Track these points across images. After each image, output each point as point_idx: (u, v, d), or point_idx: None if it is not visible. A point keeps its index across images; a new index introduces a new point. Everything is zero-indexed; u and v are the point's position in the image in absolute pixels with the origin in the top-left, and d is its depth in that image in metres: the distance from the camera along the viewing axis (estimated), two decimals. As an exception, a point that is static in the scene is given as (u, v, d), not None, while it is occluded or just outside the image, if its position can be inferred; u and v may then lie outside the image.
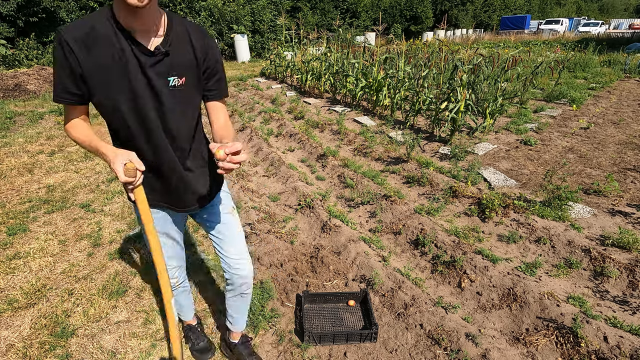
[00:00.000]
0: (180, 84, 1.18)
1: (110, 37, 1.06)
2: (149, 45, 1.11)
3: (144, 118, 1.17)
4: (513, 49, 7.95)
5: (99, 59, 1.07)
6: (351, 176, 3.86)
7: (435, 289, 2.40)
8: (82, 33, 1.05)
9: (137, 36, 1.09)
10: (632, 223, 2.78)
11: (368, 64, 6.65)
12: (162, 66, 1.13)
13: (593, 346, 1.81)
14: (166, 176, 1.31)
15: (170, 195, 1.37)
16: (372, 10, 30.74)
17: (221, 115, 1.34)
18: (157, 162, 1.27)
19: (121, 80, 1.10)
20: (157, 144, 1.23)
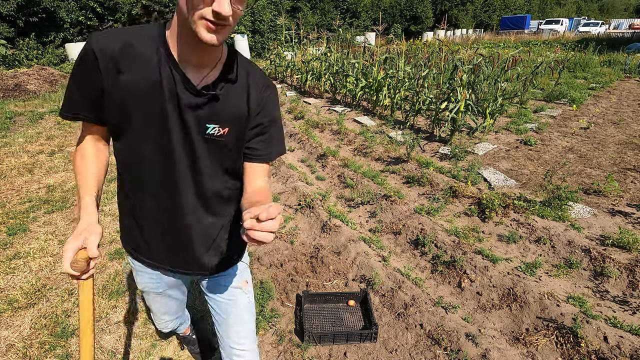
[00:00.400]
0: (221, 134, 0.94)
1: (150, 61, 0.85)
2: (197, 82, 0.89)
3: (171, 169, 0.94)
4: (513, 49, 7.96)
5: (128, 84, 0.85)
6: (351, 176, 3.86)
7: (435, 289, 2.40)
8: (116, 47, 0.84)
9: (187, 68, 0.87)
10: (632, 223, 2.78)
11: (368, 64, 6.65)
12: (205, 110, 0.91)
13: (593, 346, 1.81)
14: (175, 238, 1.05)
15: (172, 257, 1.11)
16: (372, 10, 30.75)
17: (259, 180, 1.04)
18: (169, 223, 1.03)
19: (151, 117, 0.88)
20: (180, 203, 0.99)
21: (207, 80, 0.90)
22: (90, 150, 1.00)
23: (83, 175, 0.98)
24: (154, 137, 0.90)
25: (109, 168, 1.09)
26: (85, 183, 0.97)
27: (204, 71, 0.90)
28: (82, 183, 0.97)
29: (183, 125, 0.91)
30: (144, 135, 0.90)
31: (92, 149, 1.00)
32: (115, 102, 0.87)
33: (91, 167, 0.99)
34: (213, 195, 1.03)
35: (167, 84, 0.86)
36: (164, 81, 0.85)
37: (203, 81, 0.89)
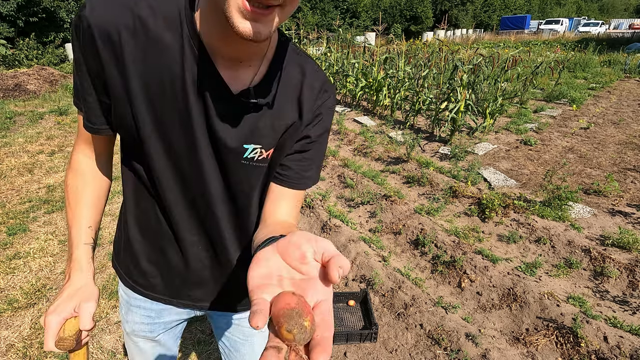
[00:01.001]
0: (263, 157, 0.69)
1: (170, 48, 0.59)
2: (233, 83, 0.62)
3: (196, 197, 0.72)
4: (513, 49, 7.96)
5: (136, 78, 0.60)
6: (351, 176, 3.86)
7: (435, 289, 2.40)
8: (121, 22, 0.57)
9: (220, 63, 0.60)
10: (632, 223, 2.78)
11: (368, 64, 6.66)
12: (243, 125, 0.65)
13: (593, 346, 1.81)
14: (187, 267, 0.82)
15: (179, 287, 0.86)
16: (372, 10, 30.76)
17: (285, 209, 0.74)
18: (200, 255, 0.81)
19: (167, 127, 0.64)
20: (214, 240, 0.79)
21: (247, 82, 0.63)
22: (88, 169, 0.76)
23: (77, 209, 0.74)
24: (170, 154, 0.67)
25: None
26: (78, 222, 0.74)
27: (243, 68, 0.63)
28: (75, 222, 0.74)
29: (212, 142, 0.66)
30: (157, 150, 0.66)
31: (91, 166, 0.77)
32: (119, 102, 0.63)
33: (88, 197, 0.75)
34: (251, 229, 0.81)
35: (192, 83, 0.60)
36: (187, 78, 0.60)
37: (241, 83, 0.63)
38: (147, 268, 0.84)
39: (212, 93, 0.62)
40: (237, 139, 0.66)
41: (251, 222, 0.80)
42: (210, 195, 0.72)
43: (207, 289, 0.86)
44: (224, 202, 0.74)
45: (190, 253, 0.80)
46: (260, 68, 0.64)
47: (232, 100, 0.62)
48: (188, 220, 0.75)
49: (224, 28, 0.54)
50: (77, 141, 0.76)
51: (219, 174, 0.70)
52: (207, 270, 0.83)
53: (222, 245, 0.80)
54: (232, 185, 0.72)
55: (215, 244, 0.79)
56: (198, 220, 0.76)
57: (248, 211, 0.78)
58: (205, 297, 0.88)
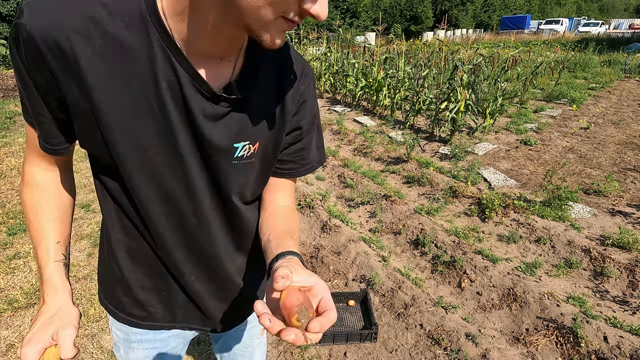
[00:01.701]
0: (251, 153, 0.66)
1: (135, 50, 0.52)
2: (214, 81, 0.58)
3: (190, 212, 0.67)
4: (513, 49, 7.97)
5: (98, 89, 0.52)
6: (351, 176, 3.86)
7: (435, 289, 2.40)
8: (69, 25, 0.49)
9: (196, 61, 0.55)
10: (632, 223, 2.78)
11: (368, 64, 6.66)
12: (232, 123, 0.61)
13: (593, 346, 1.81)
14: (185, 287, 0.76)
15: (181, 310, 0.80)
16: (372, 10, 30.77)
17: (283, 197, 0.78)
18: (192, 274, 0.75)
19: (145, 140, 0.57)
20: (210, 251, 0.73)
21: (227, 77, 0.59)
22: (47, 183, 0.67)
23: (40, 226, 0.65)
24: (151, 169, 0.60)
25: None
26: (45, 240, 0.65)
27: (222, 64, 0.58)
28: (41, 240, 0.65)
29: (199, 148, 0.61)
30: (135, 167, 0.59)
31: (50, 178, 0.67)
32: (83, 119, 0.55)
33: (51, 212, 0.67)
34: (247, 233, 0.77)
35: (167, 87, 0.54)
36: (161, 82, 0.53)
37: (222, 79, 0.58)
38: (143, 297, 0.76)
39: (192, 95, 0.56)
40: (227, 138, 0.61)
41: (245, 224, 0.76)
42: (199, 204, 0.66)
43: (210, 307, 0.80)
44: (214, 209, 0.69)
45: (186, 271, 0.74)
46: (239, 61, 0.60)
47: (215, 99, 0.58)
48: (177, 236, 0.69)
49: (212, 30, 0.51)
50: (30, 153, 0.64)
51: (207, 181, 0.65)
52: (205, 286, 0.77)
53: (217, 258, 0.74)
54: (223, 190, 0.67)
55: (209, 256, 0.74)
56: (188, 235, 0.69)
57: (240, 215, 0.73)
58: (211, 316, 0.82)
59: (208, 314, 0.81)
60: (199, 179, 0.64)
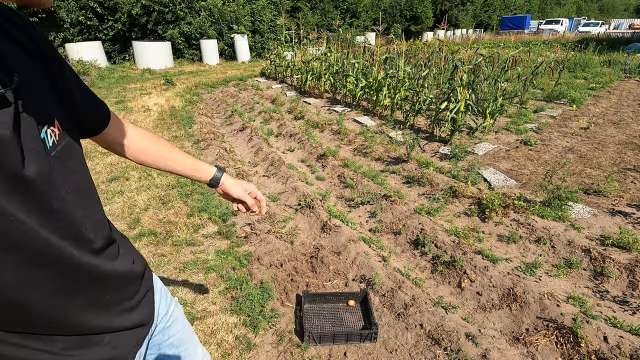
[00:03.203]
0: (59, 134, 0.56)
1: None
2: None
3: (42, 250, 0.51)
4: (513, 49, 7.96)
5: None
6: (351, 176, 3.86)
7: (435, 289, 2.40)
8: None
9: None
10: (632, 223, 2.78)
11: (368, 64, 6.66)
12: (9, 114, 0.47)
13: (593, 346, 1.81)
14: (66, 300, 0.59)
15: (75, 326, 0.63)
16: (372, 10, 30.76)
17: (125, 127, 0.83)
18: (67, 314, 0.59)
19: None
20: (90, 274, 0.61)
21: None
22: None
23: None
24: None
25: (102, 164, 0.95)
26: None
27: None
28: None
29: (5, 171, 0.45)
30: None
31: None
32: None
33: None
34: (91, 220, 0.63)
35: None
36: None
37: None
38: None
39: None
40: (30, 134, 0.49)
41: (98, 207, 0.68)
42: (50, 236, 0.52)
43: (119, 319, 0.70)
44: (83, 220, 0.58)
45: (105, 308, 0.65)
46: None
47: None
48: (64, 290, 0.56)
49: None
50: None
51: (47, 195, 0.51)
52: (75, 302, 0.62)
53: (105, 273, 0.64)
54: (70, 192, 0.56)
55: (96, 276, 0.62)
56: (70, 275, 0.57)
57: (90, 203, 0.64)
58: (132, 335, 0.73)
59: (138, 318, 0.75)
60: (25, 203, 0.48)
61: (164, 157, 0.91)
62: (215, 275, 2.55)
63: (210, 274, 2.56)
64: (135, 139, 0.86)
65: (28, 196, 0.48)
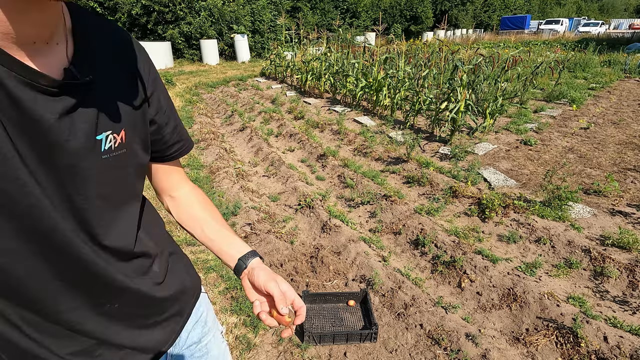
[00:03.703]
0: (119, 143, 0.58)
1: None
2: (50, 69, 0.48)
3: (57, 243, 0.52)
4: (513, 49, 7.96)
5: None
6: (351, 176, 3.86)
7: (435, 289, 2.40)
8: None
9: (17, 52, 0.44)
10: (632, 223, 2.78)
11: (368, 64, 6.66)
12: (85, 114, 0.51)
13: (593, 346, 1.81)
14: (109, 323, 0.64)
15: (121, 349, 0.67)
16: (372, 10, 30.76)
17: (179, 179, 0.81)
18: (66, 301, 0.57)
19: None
20: (91, 278, 0.58)
21: (61, 62, 0.50)
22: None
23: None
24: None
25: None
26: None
27: (50, 49, 0.48)
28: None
29: (56, 155, 0.48)
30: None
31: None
32: None
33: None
34: (128, 236, 0.65)
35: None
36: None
37: (56, 66, 0.49)
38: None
39: (24, 92, 0.44)
40: (87, 133, 0.51)
41: (130, 221, 0.66)
42: (75, 230, 0.53)
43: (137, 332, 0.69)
44: (100, 224, 0.57)
45: (106, 314, 0.62)
46: (68, 42, 0.51)
47: (57, 90, 0.47)
48: (74, 284, 0.56)
49: (10, 8, 0.41)
50: None
51: (79, 189, 0.52)
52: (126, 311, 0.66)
53: (123, 283, 0.63)
54: (102, 194, 0.56)
55: (117, 287, 0.62)
56: (85, 274, 0.57)
57: (123, 227, 0.64)
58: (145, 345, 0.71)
59: (145, 342, 0.71)
60: (69, 191, 0.51)
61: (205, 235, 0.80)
62: (215, 275, 2.55)
63: (210, 274, 2.56)
64: (193, 202, 0.81)
65: (50, 177, 0.49)
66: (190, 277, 0.83)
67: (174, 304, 0.76)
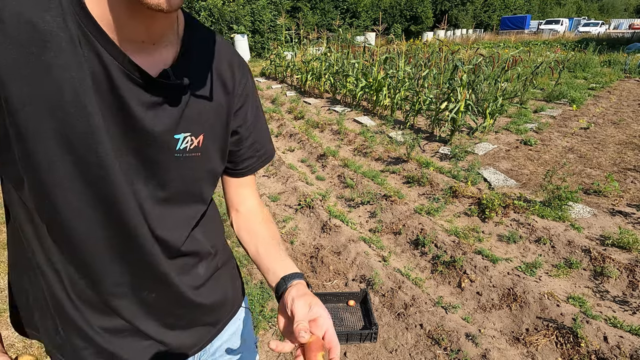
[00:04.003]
0: (194, 146, 0.61)
1: (53, 36, 0.45)
2: (150, 67, 0.53)
3: (119, 214, 0.55)
4: (513, 49, 7.96)
5: (10, 84, 0.45)
6: (351, 176, 3.86)
7: (435, 289, 2.40)
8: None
9: (127, 48, 0.50)
10: (632, 223, 2.78)
11: (368, 64, 6.66)
12: (170, 112, 0.56)
13: (593, 346, 1.81)
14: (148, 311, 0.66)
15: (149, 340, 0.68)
16: (372, 10, 30.77)
17: (250, 195, 0.80)
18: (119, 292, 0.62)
19: (71, 137, 0.49)
20: (138, 258, 0.61)
21: (162, 64, 0.55)
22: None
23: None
24: (84, 174, 0.51)
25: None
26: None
27: (155, 51, 0.54)
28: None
29: (136, 141, 0.54)
30: (57, 174, 0.50)
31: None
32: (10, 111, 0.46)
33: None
34: (199, 237, 0.70)
35: (92, 77, 0.48)
36: (85, 71, 0.47)
37: (157, 66, 0.54)
38: (99, 339, 0.63)
39: (123, 83, 0.50)
40: (166, 128, 0.56)
41: (183, 223, 0.68)
42: (141, 207, 0.57)
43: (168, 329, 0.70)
44: (154, 212, 0.60)
45: (142, 299, 0.64)
46: (174, 47, 0.57)
47: (152, 86, 0.53)
48: (122, 258, 0.60)
49: (127, 3, 0.47)
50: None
51: (146, 179, 0.57)
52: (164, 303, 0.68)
53: (166, 275, 0.64)
54: (166, 188, 0.60)
55: (160, 275, 0.64)
56: (134, 252, 0.60)
57: (180, 229, 0.66)
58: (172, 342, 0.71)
59: (171, 341, 0.71)
60: (137, 176, 0.56)
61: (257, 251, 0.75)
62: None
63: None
64: (255, 222, 0.78)
65: (125, 158, 0.54)
66: (233, 291, 0.83)
67: (210, 313, 0.76)
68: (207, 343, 0.78)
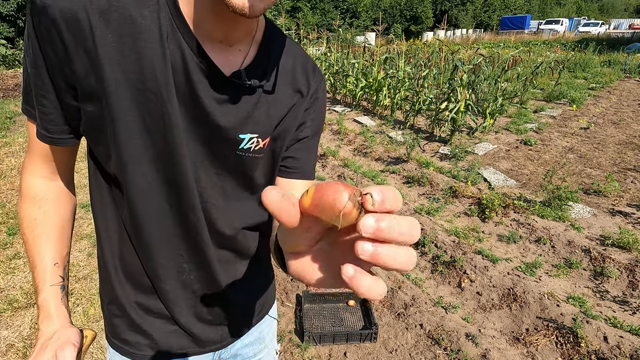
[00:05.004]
0: (259, 148, 0.62)
1: (146, 29, 0.50)
2: (225, 66, 0.55)
3: (180, 193, 0.59)
4: (513, 49, 7.97)
5: (109, 67, 0.49)
6: (351, 176, 3.86)
7: (435, 289, 2.40)
8: (87, 2, 0.48)
9: (207, 46, 0.54)
10: (632, 223, 2.78)
11: (368, 64, 6.66)
12: (239, 112, 0.58)
13: (593, 346, 1.81)
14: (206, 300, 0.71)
15: (171, 336, 0.72)
16: (372, 10, 30.78)
17: None
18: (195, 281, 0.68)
19: (146, 122, 0.54)
20: (190, 239, 0.65)
21: (237, 65, 0.57)
22: (46, 194, 0.64)
23: (37, 247, 0.62)
24: (149, 154, 0.56)
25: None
26: (41, 262, 0.62)
27: (233, 52, 0.57)
28: (37, 262, 0.62)
29: (204, 132, 0.57)
30: (137, 153, 0.55)
31: (49, 188, 0.64)
32: (90, 99, 0.52)
33: (49, 230, 0.63)
34: (244, 234, 0.71)
35: (174, 68, 0.52)
36: (169, 62, 0.51)
37: (232, 66, 0.56)
38: (138, 318, 0.69)
39: (199, 77, 0.54)
40: (233, 125, 0.58)
41: (243, 237, 0.71)
42: (194, 191, 0.61)
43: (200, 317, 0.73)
44: (211, 200, 0.63)
45: (181, 282, 0.67)
46: (250, 50, 0.59)
47: (224, 84, 0.55)
48: (174, 238, 0.63)
49: (213, 5, 0.50)
50: (29, 159, 0.62)
51: (209, 167, 0.61)
52: (204, 289, 0.71)
53: (210, 263, 0.67)
54: (225, 181, 0.64)
55: (204, 261, 0.67)
56: (186, 234, 0.63)
57: (243, 217, 0.69)
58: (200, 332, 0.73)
59: (197, 332, 0.73)
60: (200, 164, 0.60)
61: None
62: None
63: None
64: None
65: (193, 146, 0.58)
66: (265, 298, 0.84)
67: (239, 312, 0.78)
68: (230, 342, 0.80)
